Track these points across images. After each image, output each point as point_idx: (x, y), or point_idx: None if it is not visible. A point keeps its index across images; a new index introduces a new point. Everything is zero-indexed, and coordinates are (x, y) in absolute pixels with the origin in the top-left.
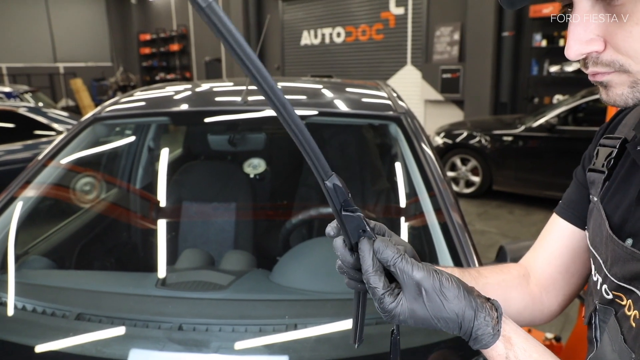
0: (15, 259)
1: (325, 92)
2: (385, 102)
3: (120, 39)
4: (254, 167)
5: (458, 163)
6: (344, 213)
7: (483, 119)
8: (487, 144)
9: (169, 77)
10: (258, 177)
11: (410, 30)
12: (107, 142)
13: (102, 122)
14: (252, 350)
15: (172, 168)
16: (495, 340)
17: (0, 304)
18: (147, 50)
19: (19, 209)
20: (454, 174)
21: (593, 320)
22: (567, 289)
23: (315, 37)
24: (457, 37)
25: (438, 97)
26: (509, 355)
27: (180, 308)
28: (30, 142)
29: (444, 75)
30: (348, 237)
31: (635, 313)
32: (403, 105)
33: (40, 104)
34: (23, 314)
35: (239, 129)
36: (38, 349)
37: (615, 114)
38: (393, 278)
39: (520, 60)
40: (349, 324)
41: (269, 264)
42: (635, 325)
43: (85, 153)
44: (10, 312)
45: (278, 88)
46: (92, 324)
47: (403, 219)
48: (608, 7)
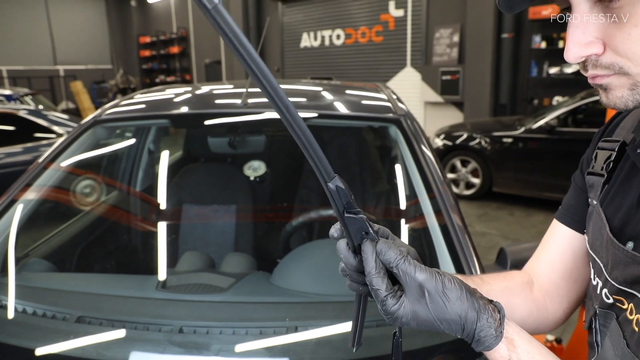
0: (16, 262)
1: (325, 94)
2: (385, 104)
3: (120, 42)
4: (254, 169)
5: (458, 165)
6: (347, 215)
7: (483, 121)
8: (487, 146)
9: (169, 79)
10: (258, 179)
11: (410, 32)
12: (107, 144)
13: (102, 124)
14: (252, 353)
15: (172, 170)
16: (498, 342)
17: (1, 307)
18: (147, 53)
19: (20, 212)
20: (454, 176)
21: (593, 325)
22: (571, 295)
23: (315, 39)
24: (456, 39)
25: (438, 99)
26: (512, 358)
27: (181, 311)
28: (31, 144)
29: (444, 77)
30: (351, 239)
31: (638, 317)
32: (403, 107)
33: (41, 107)
34: (23, 317)
35: (239, 132)
36: (38, 352)
37: (613, 117)
38: (396, 280)
39: (520, 62)
40: (349, 327)
41: (270, 267)
42: (638, 329)
43: (86, 156)
44: (11, 314)
45: (282, 90)
46: (92, 327)
47: (403, 221)
48: (607, 9)
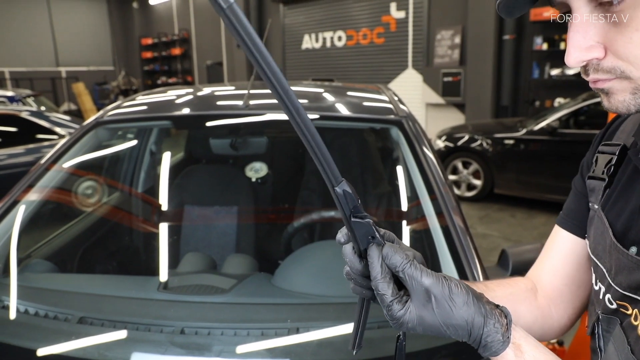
0: (18, 263)
1: (327, 95)
2: (387, 105)
3: (122, 43)
4: (256, 170)
5: (459, 166)
6: (354, 219)
7: (484, 122)
8: (488, 147)
9: (171, 81)
10: (260, 180)
11: (411, 34)
12: (109, 146)
13: (104, 126)
14: (254, 354)
15: (174, 172)
16: (505, 348)
17: (3, 307)
18: (148, 54)
19: (22, 213)
20: (456, 178)
21: (596, 330)
22: (575, 301)
23: (317, 40)
24: (458, 40)
25: (439, 100)
26: None
27: (182, 312)
28: (33, 146)
29: (445, 79)
30: (357, 243)
31: None
32: (404, 109)
33: (43, 108)
34: (25, 318)
35: (241, 133)
36: (40, 353)
37: (612, 121)
38: (402, 286)
39: (521, 64)
40: (351, 328)
41: (271, 268)
42: None
43: (88, 157)
44: (13, 315)
45: (293, 93)
46: (94, 328)
47: (404, 223)
48: (608, 12)
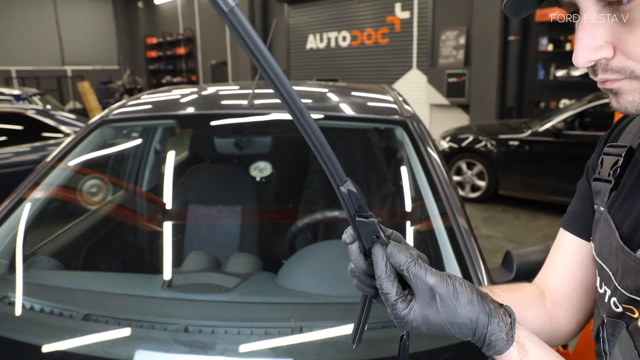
0: (24, 259)
1: (331, 95)
2: (391, 106)
3: (128, 42)
4: (260, 170)
5: (464, 167)
6: (358, 219)
7: (489, 123)
8: (493, 149)
9: (175, 80)
10: (264, 180)
11: (416, 34)
12: (114, 144)
13: (109, 124)
14: (257, 353)
15: (178, 171)
16: (509, 346)
17: (9, 304)
18: (153, 54)
19: (28, 210)
20: (460, 179)
21: (601, 334)
22: (584, 305)
23: (321, 40)
24: (462, 41)
25: (444, 101)
26: None
27: (186, 310)
28: (38, 144)
29: (450, 80)
30: (362, 242)
31: None
32: (409, 109)
33: (48, 107)
34: (31, 314)
35: (245, 132)
36: (45, 349)
37: (617, 122)
38: (406, 285)
39: (527, 65)
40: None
41: (275, 267)
42: None
43: (93, 155)
44: (19, 311)
45: (296, 94)
46: (98, 325)
47: (409, 223)
48: (616, 12)
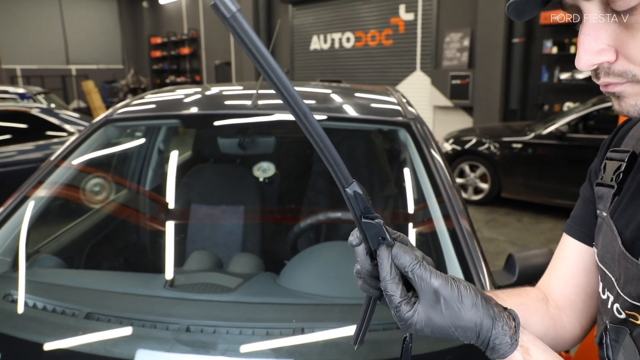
0: (27, 258)
1: (335, 97)
2: (395, 107)
3: (132, 42)
4: (264, 170)
5: (467, 170)
6: (364, 220)
7: (492, 126)
8: (496, 151)
9: (179, 80)
10: (267, 180)
11: (420, 36)
12: (118, 143)
13: (113, 123)
14: (258, 354)
15: (181, 170)
16: (513, 350)
17: (12, 301)
18: (157, 53)
19: (31, 209)
20: (463, 181)
21: (604, 340)
22: (588, 311)
23: (325, 42)
24: (466, 43)
25: (447, 103)
26: None
27: (188, 309)
28: (42, 142)
29: (454, 82)
30: (368, 244)
31: None
32: (412, 111)
33: (53, 105)
34: (33, 312)
35: (249, 133)
36: (47, 347)
37: (620, 126)
38: (410, 287)
39: (531, 67)
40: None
41: (277, 268)
42: None
43: (97, 154)
44: (21, 309)
45: (299, 97)
46: (100, 324)
47: (411, 225)
48: (619, 16)
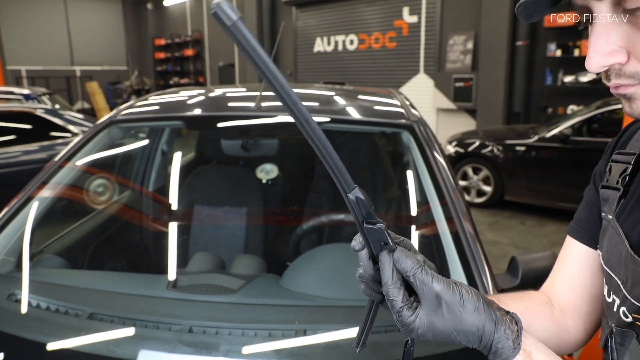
0: (31, 258)
1: (338, 99)
2: (398, 110)
3: (136, 44)
4: (267, 172)
5: (470, 172)
6: (366, 225)
7: (496, 129)
8: (499, 154)
9: (183, 81)
10: (270, 182)
11: (424, 39)
12: (122, 144)
13: (117, 125)
14: (261, 355)
15: (184, 172)
16: (516, 354)
17: (15, 301)
18: (161, 55)
19: (35, 209)
20: (466, 183)
21: (609, 343)
22: (592, 314)
23: (328, 44)
24: (470, 45)
25: (450, 105)
26: None
27: (191, 311)
28: (47, 143)
29: (457, 84)
30: (370, 249)
31: None
32: (416, 114)
33: (57, 106)
34: (37, 312)
35: (252, 134)
36: (50, 347)
37: (625, 128)
38: (412, 292)
39: (534, 70)
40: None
41: (280, 269)
42: None
43: (101, 155)
44: (25, 309)
45: (301, 103)
46: (103, 324)
47: (414, 227)
48: (631, 17)
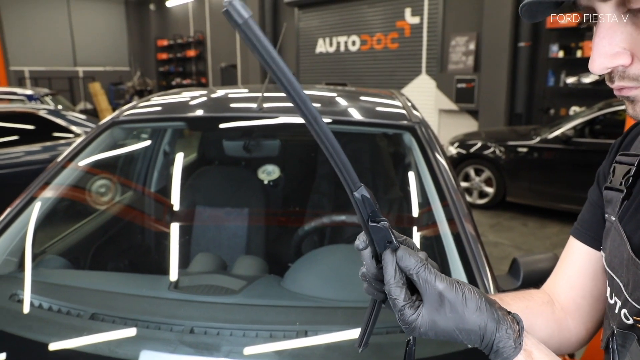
0: (33, 258)
1: (340, 100)
2: (400, 111)
3: (139, 44)
4: (268, 173)
5: (472, 173)
6: (371, 224)
7: (498, 130)
8: (501, 155)
9: (185, 82)
10: (272, 183)
11: (426, 40)
12: (124, 145)
13: (120, 125)
14: (262, 356)
15: (186, 172)
16: (517, 354)
17: (18, 301)
18: (164, 56)
19: (38, 209)
20: (468, 185)
21: (610, 345)
22: (594, 314)
23: (331, 45)
24: (472, 46)
25: (452, 106)
26: None
27: (192, 311)
28: (49, 143)
29: (459, 85)
30: (374, 247)
31: None
32: (417, 115)
33: (60, 107)
34: (39, 312)
35: (254, 136)
36: (52, 347)
37: (629, 129)
38: (415, 291)
39: (537, 71)
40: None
41: (281, 270)
42: None
43: (103, 156)
44: (27, 309)
45: (310, 102)
46: (105, 324)
47: (415, 229)
48: (635, 18)
